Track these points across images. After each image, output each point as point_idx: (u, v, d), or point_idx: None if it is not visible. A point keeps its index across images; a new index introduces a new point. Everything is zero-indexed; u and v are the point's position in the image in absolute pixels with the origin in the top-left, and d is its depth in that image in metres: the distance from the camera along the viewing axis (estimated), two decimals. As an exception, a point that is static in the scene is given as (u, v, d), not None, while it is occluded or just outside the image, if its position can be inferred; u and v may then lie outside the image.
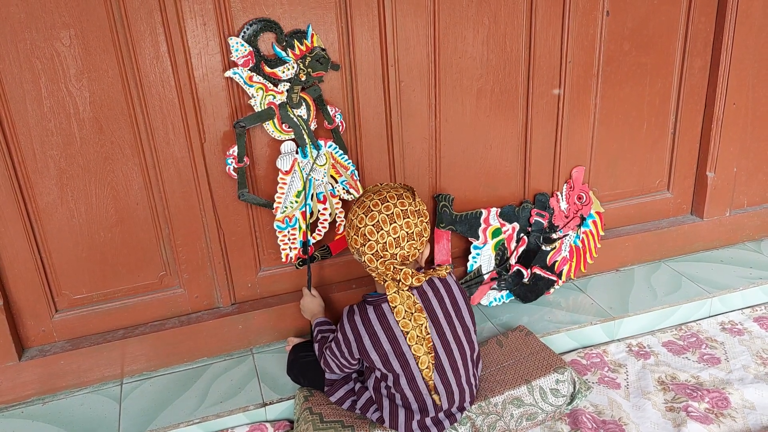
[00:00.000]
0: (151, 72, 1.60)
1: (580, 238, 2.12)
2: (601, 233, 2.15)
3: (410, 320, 1.42)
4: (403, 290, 1.42)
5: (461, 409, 1.55)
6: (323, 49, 1.69)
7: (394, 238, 1.41)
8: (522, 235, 2.05)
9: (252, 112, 1.69)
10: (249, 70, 1.65)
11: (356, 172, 1.85)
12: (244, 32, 1.62)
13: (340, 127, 1.80)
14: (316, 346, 1.65)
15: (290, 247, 1.84)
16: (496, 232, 2.02)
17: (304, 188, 1.78)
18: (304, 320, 1.89)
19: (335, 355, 1.54)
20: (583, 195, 2.10)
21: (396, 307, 1.42)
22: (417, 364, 1.44)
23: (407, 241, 1.42)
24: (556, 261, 2.09)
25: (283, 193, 1.76)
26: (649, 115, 2.16)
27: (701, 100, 2.21)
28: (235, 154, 1.71)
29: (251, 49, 1.63)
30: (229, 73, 1.64)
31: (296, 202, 1.78)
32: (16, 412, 1.70)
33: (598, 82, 2.04)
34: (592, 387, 1.76)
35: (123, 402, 1.72)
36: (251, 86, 1.66)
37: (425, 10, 1.77)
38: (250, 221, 1.83)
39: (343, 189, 1.84)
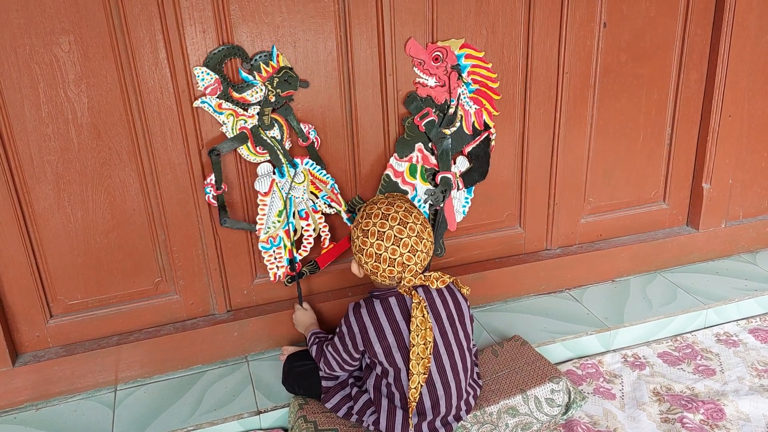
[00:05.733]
0: (150, 78, 1.60)
1: (472, 91, 1.89)
2: (490, 75, 1.91)
3: (418, 335, 1.44)
4: (422, 304, 1.45)
5: (458, 418, 1.55)
6: (290, 68, 1.69)
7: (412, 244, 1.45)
8: (429, 151, 1.91)
9: (225, 139, 1.69)
10: (217, 98, 1.64)
11: (336, 185, 1.85)
12: (208, 61, 1.61)
13: (315, 144, 1.79)
14: (313, 348, 1.65)
15: (277, 266, 1.85)
16: (412, 169, 1.91)
17: (285, 207, 1.78)
18: (299, 328, 1.89)
19: (338, 350, 1.55)
20: (439, 54, 1.82)
21: (413, 317, 1.45)
22: (408, 380, 1.46)
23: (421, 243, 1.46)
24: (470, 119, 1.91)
25: (264, 215, 1.77)
26: (645, 126, 2.17)
27: (697, 111, 2.22)
28: (213, 181, 1.71)
29: (217, 76, 1.63)
30: (197, 103, 1.64)
31: (278, 221, 1.78)
32: (8, 418, 1.69)
33: (594, 93, 2.05)
34: (587, 397, 1.76)
35: (117, 409, 1.71)
36: (221, 113, 1.66)
37: (424, 19, 1.78)
38: (246, 228, 1.83)
39: (325, 203, 1.85)
